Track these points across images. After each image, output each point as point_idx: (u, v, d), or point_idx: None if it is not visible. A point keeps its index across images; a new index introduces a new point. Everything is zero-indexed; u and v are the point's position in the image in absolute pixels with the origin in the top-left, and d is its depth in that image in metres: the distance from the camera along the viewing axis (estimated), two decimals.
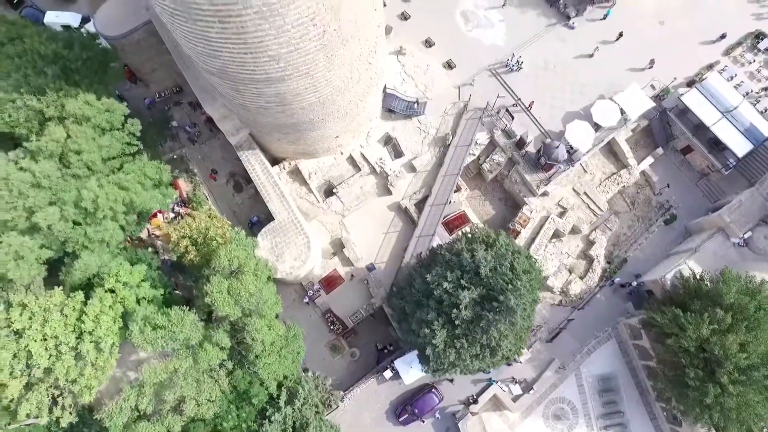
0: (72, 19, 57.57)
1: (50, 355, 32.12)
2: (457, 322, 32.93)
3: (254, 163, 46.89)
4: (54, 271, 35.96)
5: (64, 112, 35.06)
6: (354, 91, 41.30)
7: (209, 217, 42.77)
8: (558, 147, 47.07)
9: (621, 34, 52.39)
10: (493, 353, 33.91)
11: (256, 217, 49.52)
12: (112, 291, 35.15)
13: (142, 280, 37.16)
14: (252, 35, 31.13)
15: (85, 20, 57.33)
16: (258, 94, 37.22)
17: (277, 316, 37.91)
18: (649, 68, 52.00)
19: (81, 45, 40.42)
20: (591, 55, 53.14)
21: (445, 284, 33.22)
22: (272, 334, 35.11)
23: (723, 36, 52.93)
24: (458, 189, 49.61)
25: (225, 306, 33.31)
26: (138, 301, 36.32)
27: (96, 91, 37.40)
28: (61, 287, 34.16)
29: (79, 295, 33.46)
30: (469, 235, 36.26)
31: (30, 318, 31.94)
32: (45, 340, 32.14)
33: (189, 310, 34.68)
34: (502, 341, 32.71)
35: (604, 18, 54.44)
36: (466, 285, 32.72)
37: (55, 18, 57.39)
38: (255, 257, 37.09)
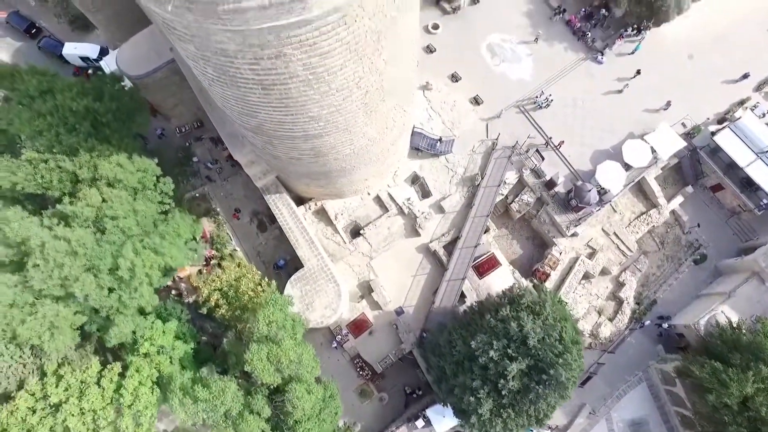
0: (91, 50, 56.46)
1: (88, 430, 31.02)
2: (503, 392, 31.99)
3: (281, 207, 45.78)
4: (86, 332, 34.88)
5: (97, 173, 33.82)
6: (388, 138, 40.23)
7: (238, 266, 41.68)
8: (590, 191, 46.14)
9: (638, 72, 51.41)
10: (539, 421, 33.04)
11: (282, 260, 48.39)
12: (146, 354, 34.05)
13: (175, 338, 36.04)
14: (295, 100, 29.92)
15: (103, 51, 55.92)
16: (293, 147, 36.08)
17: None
18: (664, 110, 50.76)
19: (110, 96, 38.99)
20: (620, 91, 52.08)
21: (492, 353, 32.27)
22: (312, 398, 34.15)
23: (746, 76, 51.79)
24: (486, 229, 48.47)
25: (265, 374, 32.37)
26: (171, 360, 35.23)
27: (127, 147, 36.14)
28: (95, 355, 32.99)
29: (116, 367, 32.38)
30: (514, 298, 35.20)
31: (66, 390, 30.82)
32: (83, 413, 31.04)
33: (225, 374, 33.54)
34: (550, 412, 31.83)
35: (633, 53, 53.07)
36: (513, 355, 31.77)
37: (73, 50, 56.27)
38: (290, 317, 35.97)
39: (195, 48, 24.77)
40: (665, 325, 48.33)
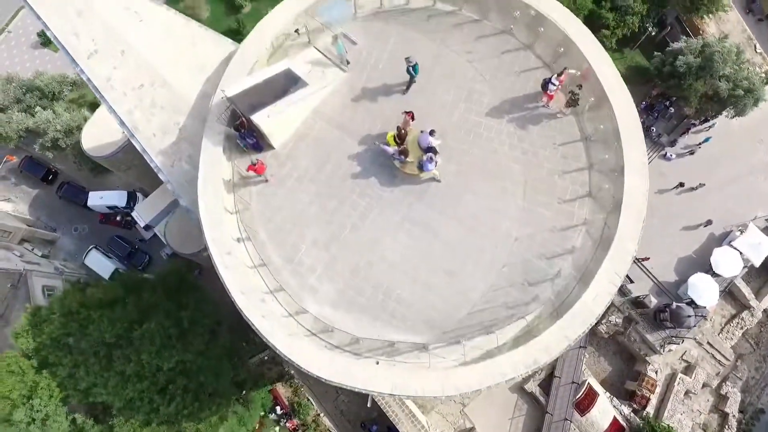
0: (118, 199, 51.33)
1: None
2: None
3: None
4: None
5: None
6: None
7: None
8: (690, 316, 42.70)
9: (701, 184, 48.07)
10: None
11: (375, 426, 44.37)
12: None
13: None
14: None
15: (131, 197, 50.81)
16: None
17: None
18: (704, 227, 47.52)
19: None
20: (694, 189, 48.45)
21: None
22: None
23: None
24: None
25: None
26: None
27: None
28: None
29: None
30: None
31: None
32: None
33: None
34: None
35: (699, 145, 49.53)
36: None
37: (99, 200, 51.24)
38: None
39: None
40: None
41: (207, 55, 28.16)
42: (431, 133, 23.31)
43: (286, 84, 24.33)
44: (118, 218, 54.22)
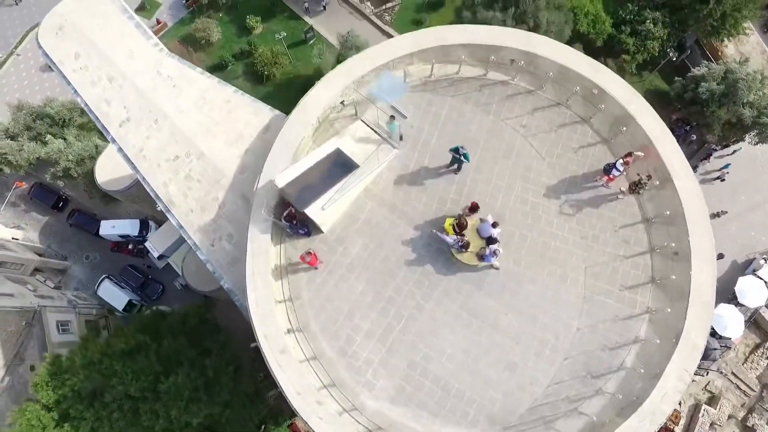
0: (130, 228, 49.76)
1: None
2: None
3: None
4: None
5: None
6: None
7: None
8: (716, 349, 42.18)
9: (723, 212, 47.27)
10: None
11: None
12: None
13: None
14: None
15: (143, 225, 49.41)
16: None
17: None
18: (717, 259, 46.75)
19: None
20: (716, 215, 47.71)
21: None
22: None
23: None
24: None
25: None
26: None
27: None
28: None
29: None
30: None
31: None
32: None
33: None
34: None
35: (719, 171, 48.77)
36: None
37: (111, 229, 49.68)
38: None
39: None
40: None
41: (244, 123, 26.57)
42: (494, 225, 22.05)
43: (337, 167, 22.92)
44: (129, 246, 52.59)
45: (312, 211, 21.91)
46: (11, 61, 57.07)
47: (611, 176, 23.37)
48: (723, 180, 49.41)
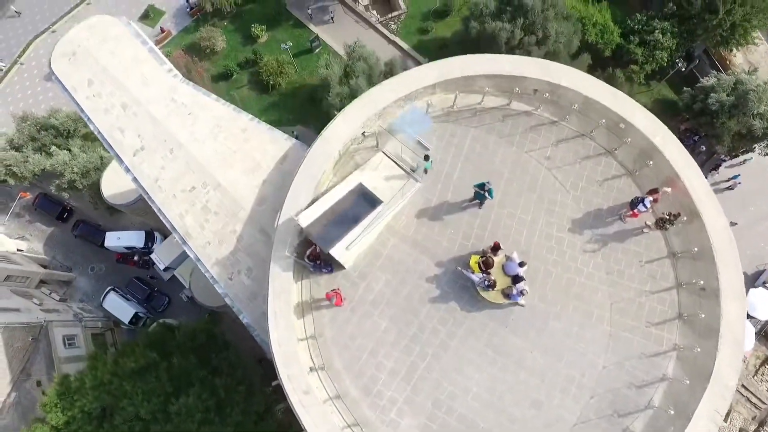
0: (136, 239, 49.26)
1: None
2: None
3: None
4: None
5: None
6: None
7: None
8: None
9: (733, 224, 46.81)
10: None
11: None
12: None
13: None
14: None
15: (149, 237, 48.90)
16: None
17: None
18: None
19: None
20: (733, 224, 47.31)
21: None
22: None
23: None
24: None
25: None
26: None
27: None
28: None
29: None
30: None
31: None
32: None
33: None
34: None
35: (728, 181, 48.43)
36: None
37: (116, 241, 49.13)
38: None
39: None
40: None
41: (261, 152, 25.99)
42: (521, 264, 21.60)
43: (360, 203, 22.44)
44: (135, 258, 51.98)
45: (338, 252, 21.37)
46: (15, 70, 56.14)
47: (637, 212, 22.90)
48: (732, 189, 49.03)
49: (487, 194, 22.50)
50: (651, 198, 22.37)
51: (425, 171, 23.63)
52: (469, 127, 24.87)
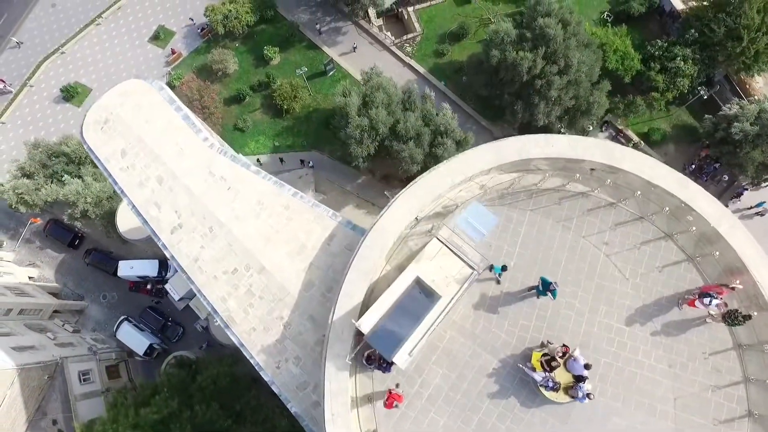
0: (150, 268, 47.82)
1: None
2: None
3: None
4: None
5: None
6: None
7: None
8: None
9: None
10: None
11: None
12: None
13: None
14: None
15: (162, 265, 47.60)
16: None
17: None
18: None
19: None
20: None
21: None
22: None
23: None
24: None
25: None
26: None
27: None
28: None
29: None
30: None
31: None
32: None
33: None
34: None
35: (751, 208, 47.84)
36: None
37: (130, 270, 47.84)
38: None
39: None
40: None
41: (306, 232, 24.60)
42: (586, 366, 20.64)
43: (419, 298, 21.19)
44: (148, 286, 50.55)
45: (400, 360, 20.23)
46: (24, 93, 53.73)
47: (696, 303, 21.97)
48: (762, 215, 48.30)
49: (550, 294, 21.38)
50: (720, 297, 21.33)
51: (498, 276, 22.49)
52: (525, 210, 23.69)
